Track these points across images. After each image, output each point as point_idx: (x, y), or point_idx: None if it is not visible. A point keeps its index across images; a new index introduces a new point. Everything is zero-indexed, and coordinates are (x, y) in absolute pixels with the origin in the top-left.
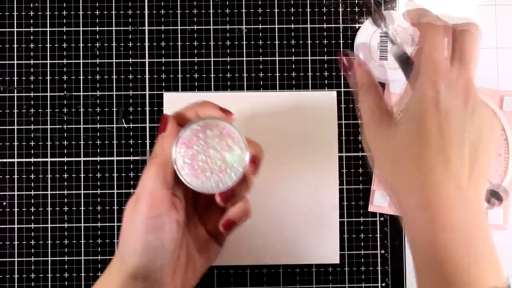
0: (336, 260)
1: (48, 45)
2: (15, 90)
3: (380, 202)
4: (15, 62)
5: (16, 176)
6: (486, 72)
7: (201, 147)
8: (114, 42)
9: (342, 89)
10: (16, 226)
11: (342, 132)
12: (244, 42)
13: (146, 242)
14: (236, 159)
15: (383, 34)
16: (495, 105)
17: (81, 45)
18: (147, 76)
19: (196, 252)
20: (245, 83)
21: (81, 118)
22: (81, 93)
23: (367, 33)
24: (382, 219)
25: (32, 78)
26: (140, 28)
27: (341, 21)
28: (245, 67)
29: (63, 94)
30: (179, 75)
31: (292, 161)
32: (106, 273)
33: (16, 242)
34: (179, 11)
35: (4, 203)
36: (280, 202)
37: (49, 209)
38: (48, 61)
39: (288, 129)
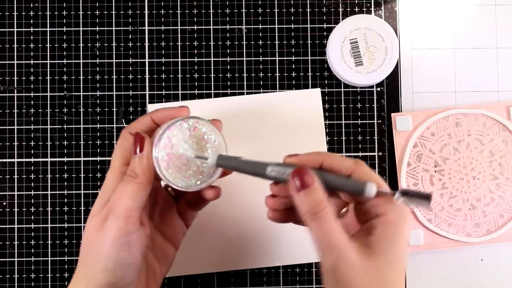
0: None
1: (48, 45)
2: (15, 90)
3: (415, 241)
4: (15, 62)
5: (16, 176)
6: (486, 72)
7: (180, 148)
8: (114, 42)
9: (342, 89)
10: (16, 226)
11: (342, 132)
12: (244, 42)
13: (119, 259)
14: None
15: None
16: (502, 118)
17: (81, 45)
18: (147, 76)
19: (155, 261)
20: (245, 83)
21: (81, 118)
22: (81, 93)
23: (338, 39)
24: None
25: (32, 78)
26: (140, 28)
27: (341, 21)
28: (245, 67)
29: (63, 94)
30: (179, 75)
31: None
32: None
33: (16, 242)
34: (179, 11)
35: (4, 203)
36: None
37: (49, 209)
38: (48, 61)
39: (276, 130)
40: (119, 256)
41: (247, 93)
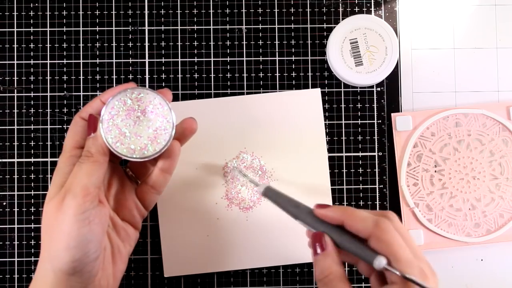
0: None
1: (48, 45)
2: (15, 90)
3: (415, 241)
4: (15, 62)
5: (16, 176)
6: (486, 72)
7: (129, 120)
8: (114, 42)
9: (342, 89)
10: (16, 226)
11: (342, 132)
12: (244, 42)
13: (80, 236)
14: (164, 124)
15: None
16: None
17: (81, 45)
18: (147, 76)
19: (118, 240)
20: (245, 83)
21: None
22: (81, 93)
23: (338, 39)
24: None
25: (32, 78)
26: (140, 28)
27: (341, 21)
28: (245, 67)
29: (63, 94)
30: (179, 75)
31: (282, 161)
32: (36, 277)
33: (16, 242)
34: (179, 11)
35: (4, 203)
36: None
37: None
38: (48, 61)
39: (276, 130)
40: (80, 232)
41: (247, 93)
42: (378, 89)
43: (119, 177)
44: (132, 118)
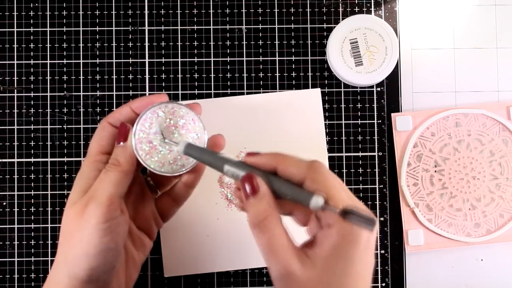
0: None
1: (48, 45)
2: (15, 90)
3: (415, 241)
4: (15, 62)
5: (16, 176)
6: (486, 72)
7: (160, 136)
8: (114, 42)
9: (342, 89)
10: (16, 226)
11: (342, 132)
12: (244, 42)
13: (102, 244)
14: (195, 140)
15: None
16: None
17: (81, 45)
18: (147, 76)
19: (133, 248)
20: (245, 83)
21: (81, 118)
22: (81, 93)
23: (338, 39)
24: (382, 219)
25: (32, 78)
26: (140, 28)
27: (341, 21)
28: (245, 67)
29: (63, 94)
30: (179, 75)
31: None
32: (50, 279)
33: (16, 242)
34: (179, 11)
35: (4, 203)
36: None
37: (49, 209)
38: (48, 61)
39: (276, 130)
40: (102, 241)
41: (247, 93)
42: (378, 89)
43: (139, 185)
44: (163, 132)
